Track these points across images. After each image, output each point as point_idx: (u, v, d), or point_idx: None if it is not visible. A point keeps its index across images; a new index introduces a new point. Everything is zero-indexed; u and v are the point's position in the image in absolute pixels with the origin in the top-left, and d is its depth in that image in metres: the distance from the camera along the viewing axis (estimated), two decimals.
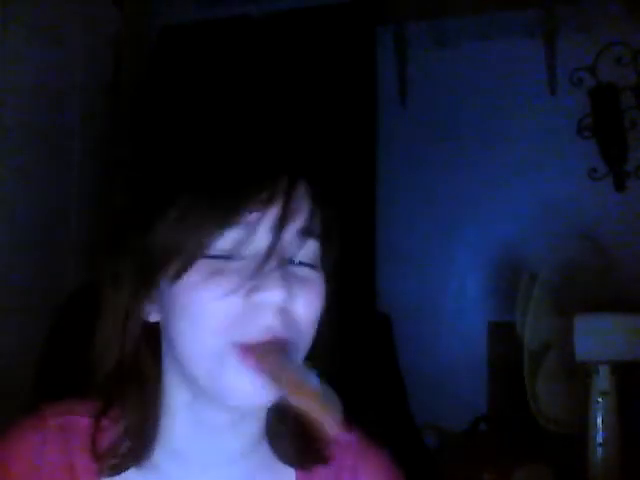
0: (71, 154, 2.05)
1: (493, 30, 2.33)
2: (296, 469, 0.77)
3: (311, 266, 0.70)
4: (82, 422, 0.74)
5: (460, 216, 2.36)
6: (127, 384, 0.72)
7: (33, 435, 0.73)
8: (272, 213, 0.66)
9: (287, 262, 0.68)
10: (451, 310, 2.36)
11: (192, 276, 0.66)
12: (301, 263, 0.69)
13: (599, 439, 1.59)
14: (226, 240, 0.66)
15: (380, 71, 2.40)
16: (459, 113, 2.36)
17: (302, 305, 0.68)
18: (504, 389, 2.17)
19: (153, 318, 0.72)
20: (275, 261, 0.66)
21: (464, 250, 2.37)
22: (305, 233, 0.69)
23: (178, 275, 0.66)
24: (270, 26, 2.32)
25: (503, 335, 2.09)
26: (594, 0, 2.20)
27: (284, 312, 0.66)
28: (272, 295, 0.65)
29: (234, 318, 0.65)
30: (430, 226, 2.39)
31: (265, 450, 0.77)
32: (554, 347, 1.74)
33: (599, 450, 1.59)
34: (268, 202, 0.66)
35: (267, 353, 0.65)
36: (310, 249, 0.70)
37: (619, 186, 2.19)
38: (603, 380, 1.60)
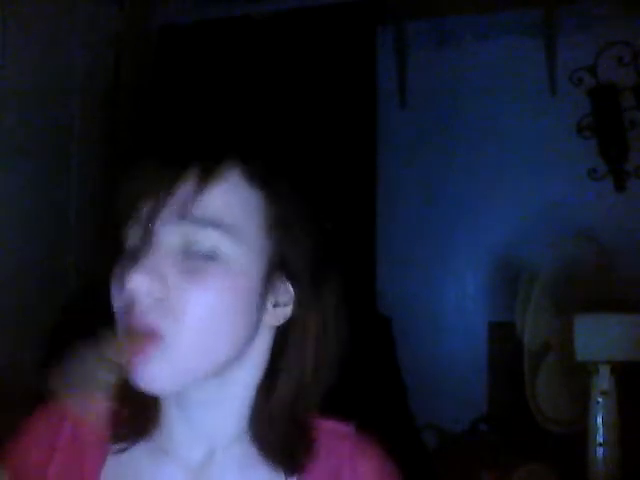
0: (71, 154, 2.05)
1: (493, 30, 2.33)
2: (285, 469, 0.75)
3: (208, 256, 0.68)
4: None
5: (460, 216, 2.36)
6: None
7: (52, 415, 0.77)
8: (148, 204, 0.68)
9: (162, 252, 0.67)
10: (451, 310, 2.36)
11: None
12: (195, 254, 0.68)
13: (599, 439, 1.59)
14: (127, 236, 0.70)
15: (380, 71, 2.40)
16: (459, 113, 2.36)
17: (182, 295, 0.67)
18: (504, 389, 2.17)
19: None
20: (147, 252, 0.67)
21: (464, 250, 2.37)
22: (182, 216, 0.67)
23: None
24: (270, 26, 2.32)
25: (503, 335, 2.09)
26: (594, 0, 2.20)
27: (159, 302, 0.66)
28: (134, 282, 0.66)
29: (123, 304, 0.68)
30: (430, 226, 2.39)
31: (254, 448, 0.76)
32: (554, 347, 1.74)
33: (599, 450, 1.59)
34: (144, 197, 0.68)
35: (136, 340, 0.66)
36: (207, 238, 0.67)
37: (619, 186, 2.19)
38: (603, 380, 1.60)
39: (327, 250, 0.76)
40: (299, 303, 0.74)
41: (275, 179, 0.72)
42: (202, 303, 0.67)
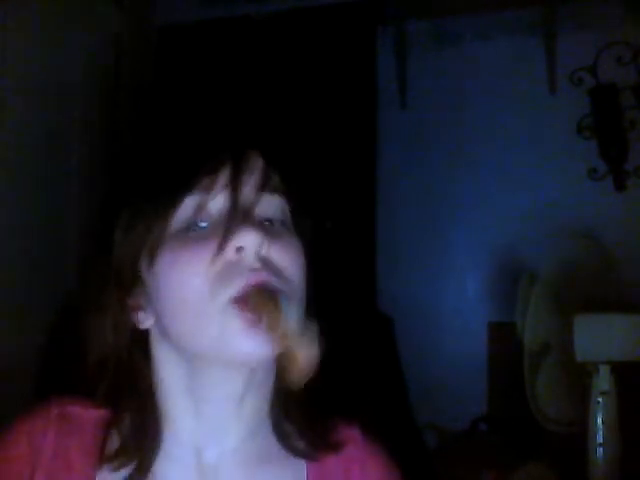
0: (71, 154, 2.05)
1: (493, 30, 2.33)
2: (306, 460, 0.76)
3: (282, 222, 0.71)
4: (83, 414, 0.74)
5: (460, 216, 2.37)
6: (123, 389, 0.73)
7: (36, 421, 0.74)
8: (225, 173, 0.69)
9: (254, 217, 0.69)
10: (451, 310, 2.36)
11: (166, 255, 0.68)
12: (271, 221, 0.70)
13: (599, 439, 1.59)
14: (187, 208, 0.68)
15: (380, 71, 2.41)
16: (459, 113, 2.36)
17: (282, 254, 0.68)
18: (504, 389, 2.17)
19: (147, 324, 0.73)
20: (241, 214, 0.67)
21: (464, 250, 2.37)
22: (263, 186, 0.70)
23: (152, 255, 0.68)
24: (270, 26, 2.33)
25: (503, 335, 2.09)
26: (594, 0, 2.20)
27: (265, 259, 0.67)
28: (247, 236, 0.66)
29: (220, 275, 0.66)
30: (430, 226, 2.39)
31: (272, 442, 0.76)
32: (554, 347, 1.74)
33: (599, 450, 1.59)
34: (220, 165, 0.69)
35: (260, 298, 0.64)
36: (276, 205, 0.71)
37: (619, 186, 2.19)
38: (603, 380, 1.60)
39: (323, 252, 0.77)
40: None
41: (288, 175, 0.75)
42: (296, 261, 0.69)
